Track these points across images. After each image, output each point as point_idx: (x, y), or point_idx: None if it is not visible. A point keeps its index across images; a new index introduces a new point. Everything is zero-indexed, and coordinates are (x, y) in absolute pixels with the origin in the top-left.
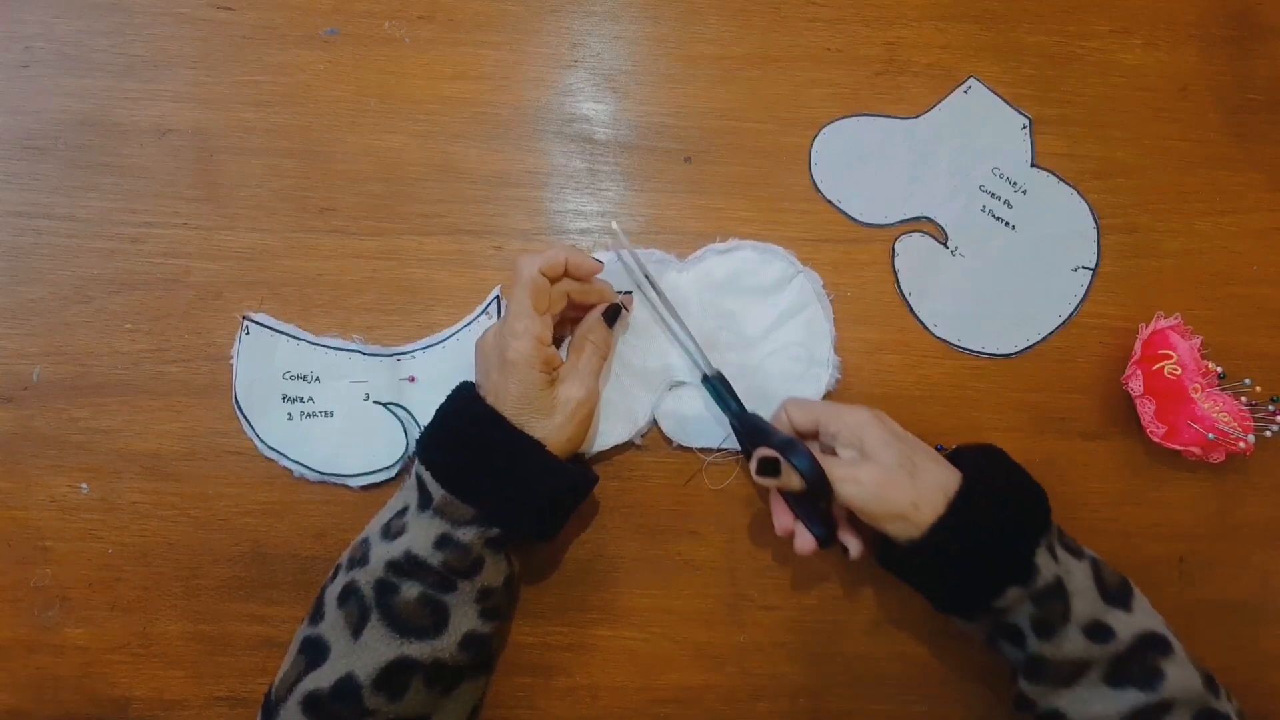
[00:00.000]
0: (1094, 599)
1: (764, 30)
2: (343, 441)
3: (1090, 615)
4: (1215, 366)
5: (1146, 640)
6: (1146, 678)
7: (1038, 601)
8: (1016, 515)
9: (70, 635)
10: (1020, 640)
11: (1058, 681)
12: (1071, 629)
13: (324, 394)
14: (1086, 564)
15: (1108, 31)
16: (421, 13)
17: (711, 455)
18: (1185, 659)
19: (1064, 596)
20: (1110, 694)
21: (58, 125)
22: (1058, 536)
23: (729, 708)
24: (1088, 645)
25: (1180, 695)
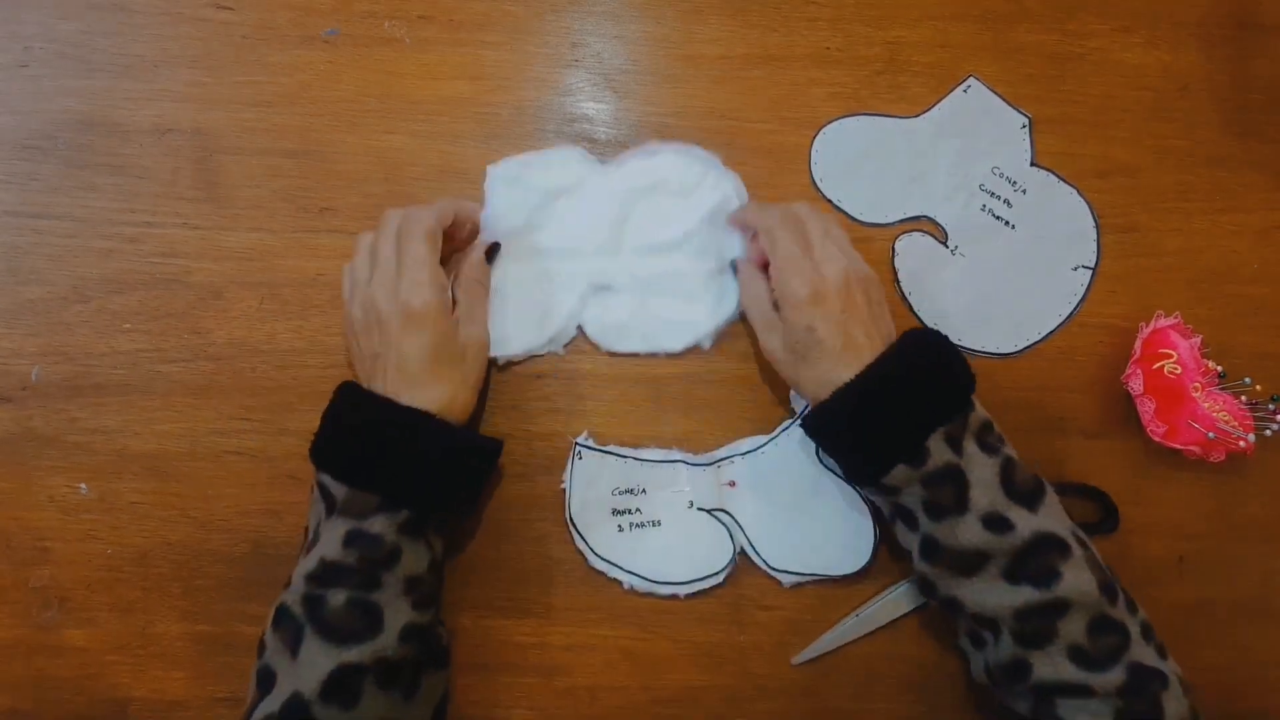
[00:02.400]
0: (995, 492)
1: (764, 30)
2: (671, 549)
3: (989, 507)
4: (1215, 365)
5: (1045, 539)
6: (1042, 576)
7: (927, 484)
8: (919, 398)
9: (70, 636)
10: (913, 522)
11: (956, 569)
12: (969, 518)
13: (650, 504)
14: (997, 460)
15: (1108, 31)
16: (421, 13)
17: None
18: (1082, 564)
19: (960, 484)
20: (1007, 589)
21: (58, 125)
22: (975, 430)
23: (729, 708)
24: (985, 535)
25: (1075, 597)
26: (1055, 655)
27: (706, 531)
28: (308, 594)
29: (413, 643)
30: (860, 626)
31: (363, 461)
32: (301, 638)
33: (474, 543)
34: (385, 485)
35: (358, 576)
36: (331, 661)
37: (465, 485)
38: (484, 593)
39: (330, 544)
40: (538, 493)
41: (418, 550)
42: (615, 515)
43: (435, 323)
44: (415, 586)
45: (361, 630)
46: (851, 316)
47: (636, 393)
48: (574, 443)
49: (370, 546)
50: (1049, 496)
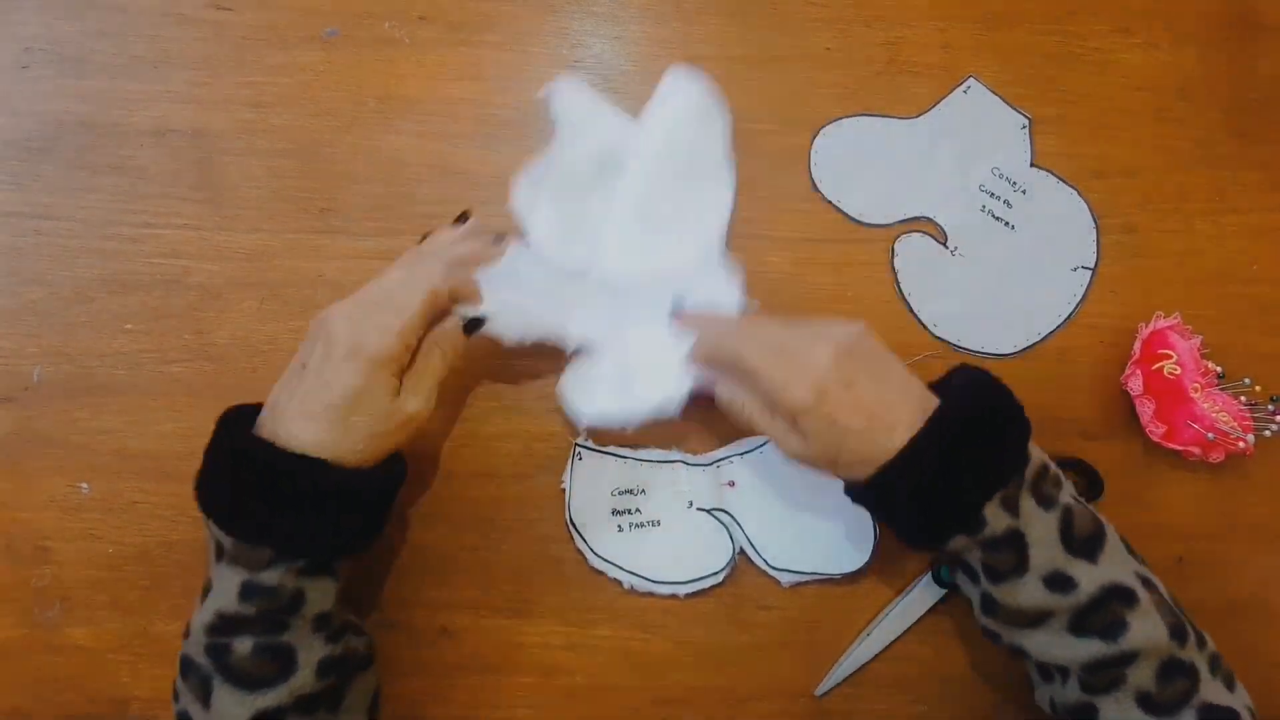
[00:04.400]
0: (1055, 550)
1: (764, 30)
2: (670, 549)
3: (1050, 566)
4: (1215, 366)
5: (1110, 591)
6: (1109, 629)
7: (986, 549)
8: (972, 466)
9: (70, 635)
10: (975, 577)
11: (1019, 624)
12: (1029, 579)
13: (650, 505)
14: (1055, 514)
15: (1108, 31)
16: (421, 13)
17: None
18: (1151, 609)
19: (1019, 547)
20: (1073, 641)
21: (58, 126)
22: (1031, 483)
23: (729, 708)
24: (1047, 595)
25: (1144, 646)
26: (1123, 700)
27: (706, 531)
28: (210, 644)
29: (333, 675)
30: (876, 644)
31: (248, 514)
32: (210, 688)
33: (474, 543)
34: (278, 540)
35: (261, 624)
36: (247, 710)
37: (365, 524)
38: (484, 593)
39: (224, 595)
40: (538, 493)
41: (321, 587)
42: (615, 515)
43: (376, 373)
44: (325, 622)
45: (274, 675)
46: (861, 390)
47: None
48: (574, 443)
49: (269, 598)
50: (1110, 541)
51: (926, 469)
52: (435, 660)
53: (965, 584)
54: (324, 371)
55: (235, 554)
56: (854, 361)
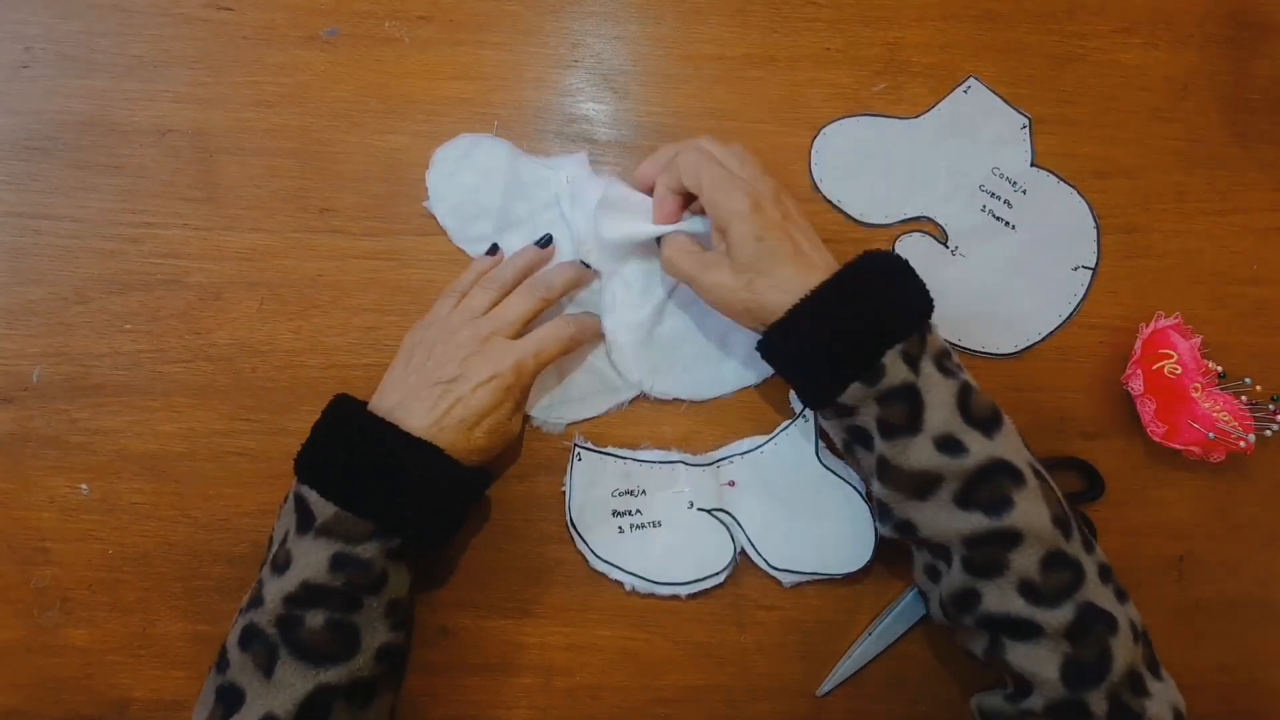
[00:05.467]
0: (951, 414)
1: (764, 30)
2: (672, 550)
3: (943, 429)
4: (1215, 366)
5: (999, 466)
6: (994, 503)
7: (881, 401)
8: (876, 314)
9: (70, 636)
10: (869, 442)
11: (909, 491)
12: (922, 439)
13: (650, 505)
14: (955, 383)
15: (1108, 31)
16: (421, 13)
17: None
18: (1037, 494)
19: (915, 403)
20: (958, 514)
21: (58, 126)
22: (934, 354)
23: (729, 708)
24: (937, 456)
25: (1027, 528)
26: (1005, 587)
27: (707, 531)
28: (284, 615)
29: (386, 663)
30: (876, 644)
31: (361, 486)
32: (276, 658)
33: (474, 543)
34: (383, 514)
35: (341, 599)
36: (309, 684)
37: (456, 517)
38: (484, 593)
39: (313, 566)
40: (538, 493)
41: (401, 574)
42: (616, 516)
43: (509, 403)
44: (395, 609)
45: (339, 652)
46: (793, 225)
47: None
48: (573, 444)
49: (359, 572)
50: (1006, 425)
51: (832, 314)
52: (435, 660)
53: (861, 455)
54: (470, 393)
55: (333, 525)
56: (789, 203)
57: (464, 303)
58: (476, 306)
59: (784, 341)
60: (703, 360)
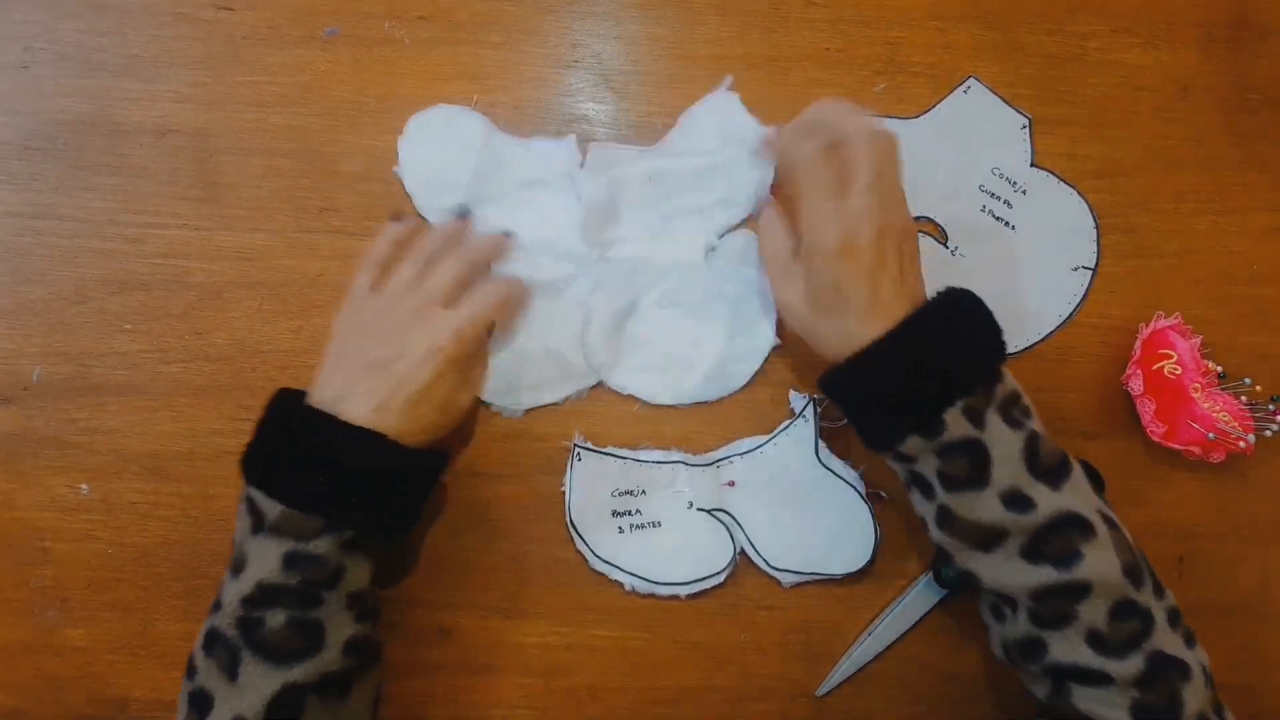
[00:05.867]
0: (1018, 469)
1: (764, 30)
2: (671, 550)
3: (1011, 484)
4: (1215, 366)
5: (1068, 519)
6: (1062, 557)
7: (942, 455)
8: (940, 368)
9: (70, 635)
10: (930, 492)
11: (973, 543)
12: (988, 493)
13: (650, 505)
14: (1022, 435)
15: (1108, 31)
16: (421, 13)
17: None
18: (1107, 544)
19: (980, 459)
20: (1025, 567)
21: (58, 125)
22: (1001, 404)
23: (729, 708)
24: (1004, 512)
25: (1096, 579)
26: (1072, 637)
27: (706, 532)
28: (244, 616)
29: (355, 655)
30: (876, 644)
31: (304, 482)
32: (239, 660)
33: (474, 543)
34: (330, 506)
35: (299, 597)
36: (275, 683)
37: (411, 502)
38: (484, 593)
39: (266, 565)
40: (538, 493)
41: (360, 565)
42: (615, 517)
43: (453, 374)
44: (358, 601)
45: (304, 649)
46: (882, 273)
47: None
48: (573, 444)
49: (313, 568)
50: (1075, 473)
51: (893, 364)
52: (435, 660)
53: (919, 502)
54: (408, 370)
55: (282, 524)
56: (890, 247)
57: (392, 278)
58: (405, 279)
59: (842, 385)
60: (665, 367)
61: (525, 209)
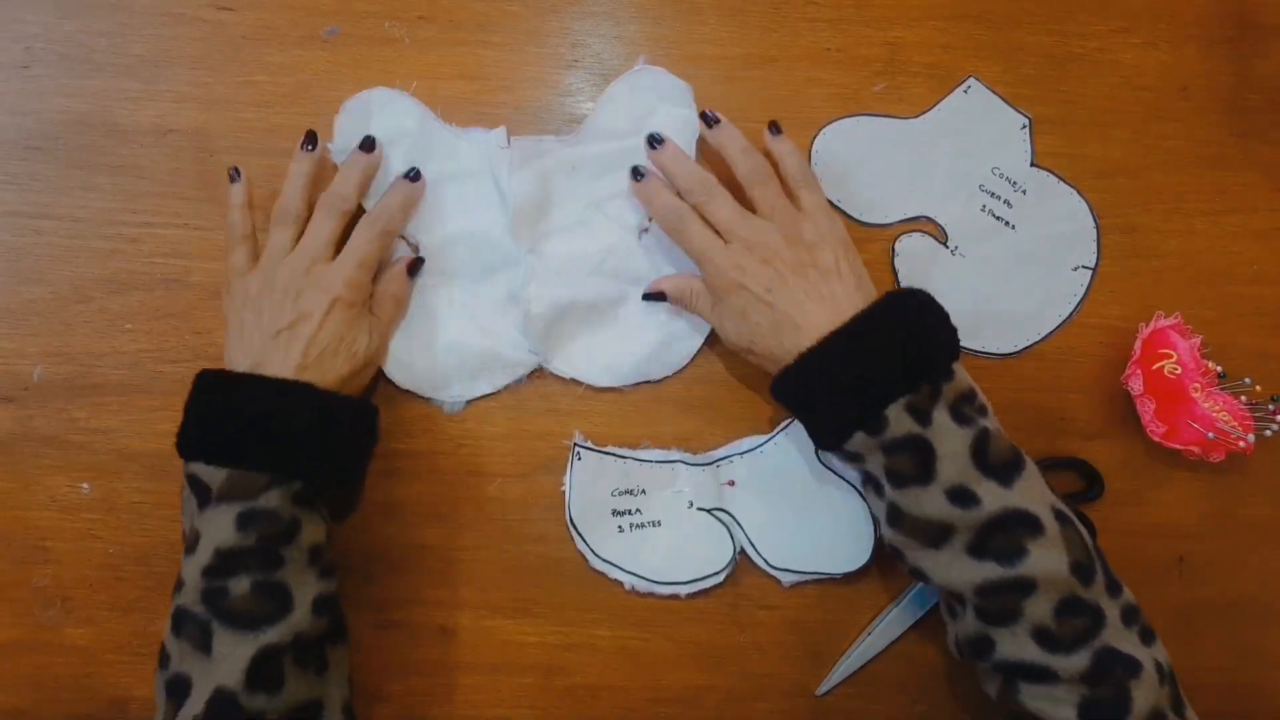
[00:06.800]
0: (965, 466)
1: (764, 30)
2: (671, 549)
3: (956, 480)
4: (1215, 366)
5: (1015, 515)
6: (1007, 553)
7: (887, 451)
8: (880, 366)
9: (70, 635)
10: (879, 489)
11: (922, 540)
12: (934, 489)
13: (650, 505)
14: (970, 432)
15: (1108, 31)
16: (421, 13)
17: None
18: (1056, 542)
19: (925, 456)
20: (970, 564)
21: (58, 125)
22: (951, 401)
23: (729, 708)
24: (949, 508)
25: (1041, 575)
26: (1019, 634)
27: (706, 531)
28: (207, 589)
29: (324, 614)
30: (876, 644)
31: (242, 441)
32: (210, 633)
33: (474, 543)
34: (273, 460)
35: (259, 558)
36: (250, 648)
37: (352, 450)
38: (484, 593)
39: (221, 531)
40: (538, 493)
41: (314, 520)
42: (615, 516)
43: (357, 320)
44: (319, 556)
45: (273, 611)
46: (781, 294)
47: (635, 393)
48: (573, 444)
49: (268, 522)
50: (1027, 471)
51: (832, 366)
52: (435, 660)
53: (873, 500)
54: (310, 328)
55: (229, 487)
56: (785, 264)
57: (266, 249)
58: (281, 245)
59: (787, 388)
60: (604, 348)
61: (454, 199)
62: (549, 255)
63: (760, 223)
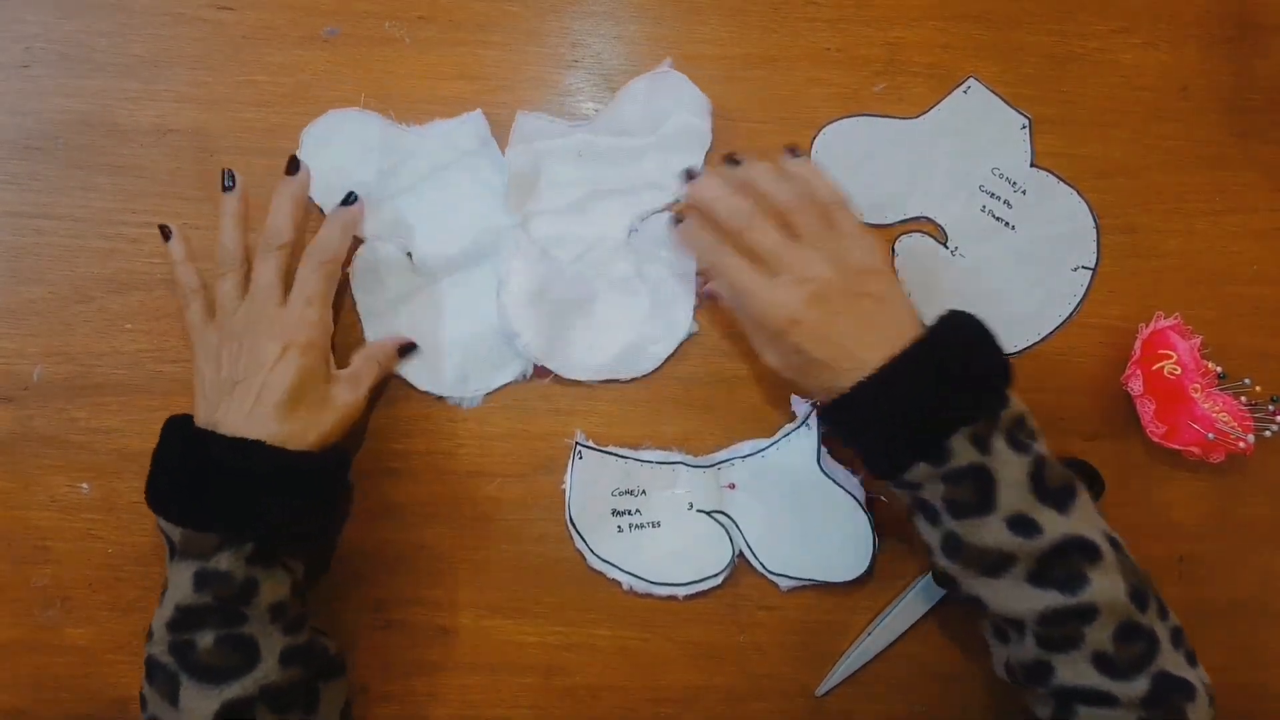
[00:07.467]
0: (1024, 493)
1: (764, 30)
2: (670, 551)
3: (1017, 508)
4: (1215, 366)
5: (1074, 543)
6: (1068, 581)
7: (949, 481)
8: (944, 396)
9: (70, 635)
10: (935, 518)
11: (980, 568)
12: (994, 519)
13: (650, 506)
14: (1028, 459)
15: (1108, 31)
16: (421, 13)
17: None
18: (1114, 568)
19: (986, 484)
20: (1031, 592)
21: (58, 125)
22: (1007, 427)
23: (729, 708)
24: (1010, 537)
25: (1102, 602)
26: (1079, 661)
27: (706, 534)
28: (174, 641)
29: (296, 664)
30: (876, 644)
31: (194, 500)
32: (178, 685)
33: (474, 543)
34: (222, 522)
35: (219, 615)
36: (214, 703)
37: (310, 509)
38: (484, 593)
39: (181, 588)
40: (538, 493)
41: (274, 577)
42: (615, 516)
43: (313, 364)
44: (281, 614)
45: (238, 665)
46: (837, 326)
47: (636, 393)
48: (574, 443)
49: (222, 584)
50: (1081, 497)
51: (893, 396)
52: (435, 660)
53: (925, 529)
54: (263, 376)
55: (185, 545)
56: (843, 299)
57: (217, 300)
58: (229, 293)
59: (842, 417)
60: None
61: (437, 192)
62: (537, 233)
63: (808, 251)
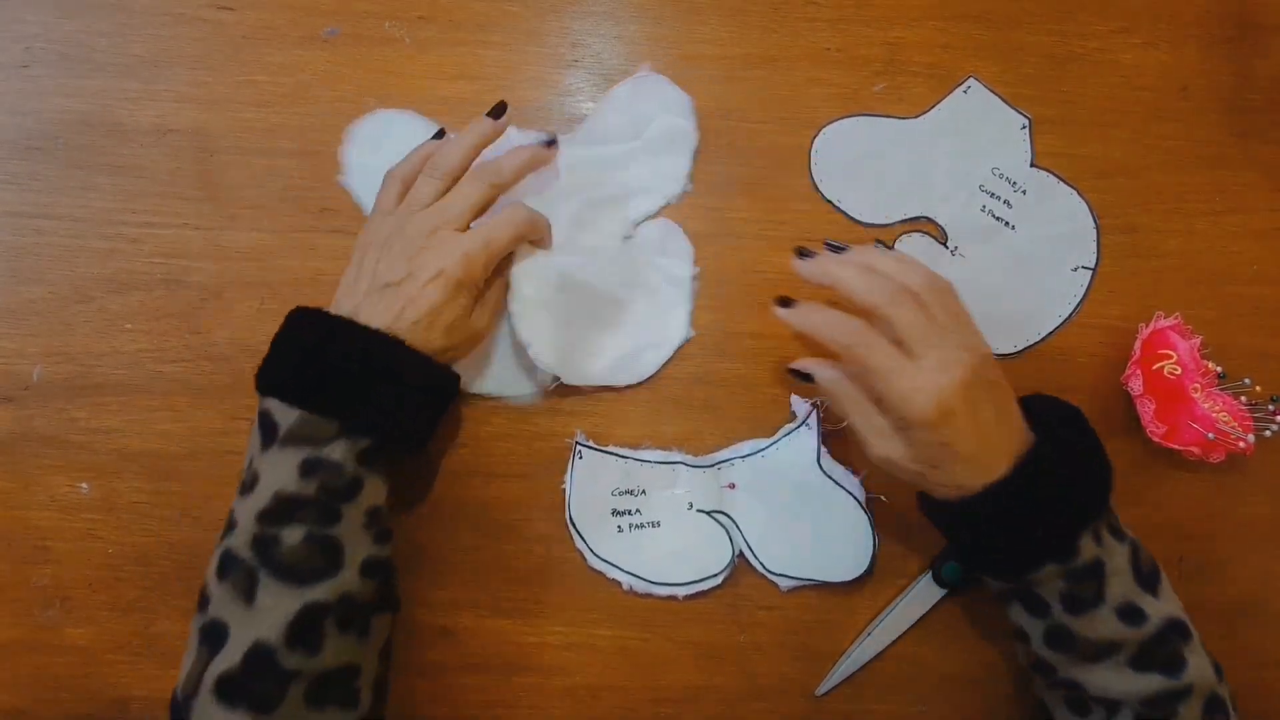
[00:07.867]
0: (1129, 581)
1: (764, 30)
2: (670, 550)
3: (1124, 598)
4: (1215, 366)
5: (1173, 626)
6: (1170, 663)
7: (1071, 579)
8: (1073, 493)
9: (70, 635)
10: (1044, 611)
11: (1083, 656)
12: (1104, 610)
13: (650, 505)
14: (1128, 547)
15: (1108, 31)
16: (421, 13)
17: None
18: (1199, 646)
19: (1100, 577)
20: (1134, 676)
21: (58, 125)
22: (1109, 517)
23: (729, 708)
24: (1119, 626)
25: (1198, 682)
26: None
27: (706, 533)
28: (259, 535)
29: (374, 579)
30: (876, 644)
31: (321, 385)
32: (256, 582)
33: (474, 543)
34: (347, 411)
35: (316, 510)
36: (296, 603)
37: (426, 417)
38: (484, 593)
39: (283, 476)
40: (538, 492)
41: (376, 482)
42: (615, 516)
43: (453, 298)
44: (376, 519)
45: (323, 567)
46: (982, 418)
47: (636, 393)
48: (575, 443)
49: (331, 475)
50: (1164, 577)
51: (1028, 497)
52: (435, 660)
53: (1023, 618)
54: (422, 292)
55: (298, 430)
56: (982, 388)
57: (409, 195)
58: (422, 198)
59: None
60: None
61: None
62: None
63: (950, 335)
